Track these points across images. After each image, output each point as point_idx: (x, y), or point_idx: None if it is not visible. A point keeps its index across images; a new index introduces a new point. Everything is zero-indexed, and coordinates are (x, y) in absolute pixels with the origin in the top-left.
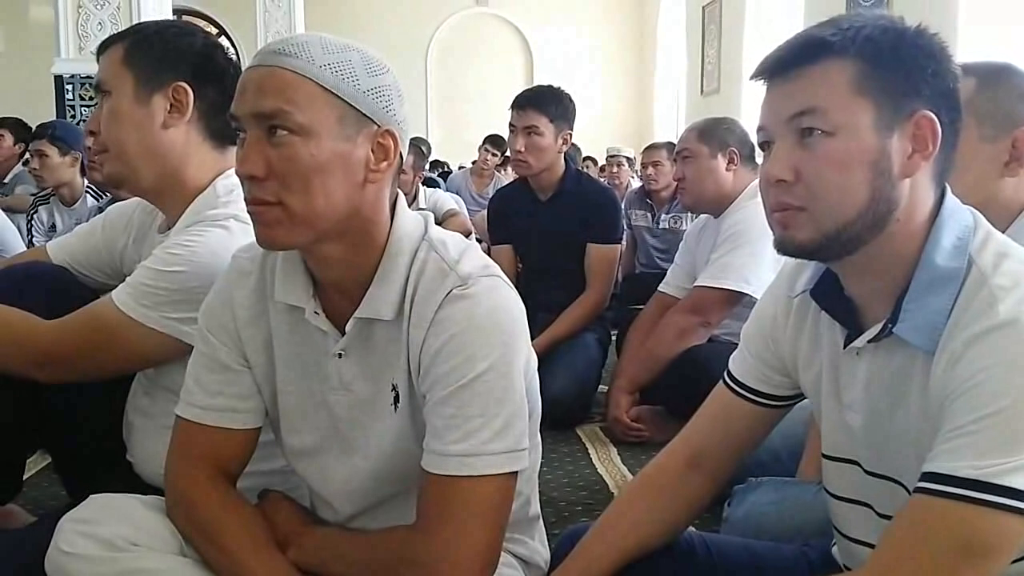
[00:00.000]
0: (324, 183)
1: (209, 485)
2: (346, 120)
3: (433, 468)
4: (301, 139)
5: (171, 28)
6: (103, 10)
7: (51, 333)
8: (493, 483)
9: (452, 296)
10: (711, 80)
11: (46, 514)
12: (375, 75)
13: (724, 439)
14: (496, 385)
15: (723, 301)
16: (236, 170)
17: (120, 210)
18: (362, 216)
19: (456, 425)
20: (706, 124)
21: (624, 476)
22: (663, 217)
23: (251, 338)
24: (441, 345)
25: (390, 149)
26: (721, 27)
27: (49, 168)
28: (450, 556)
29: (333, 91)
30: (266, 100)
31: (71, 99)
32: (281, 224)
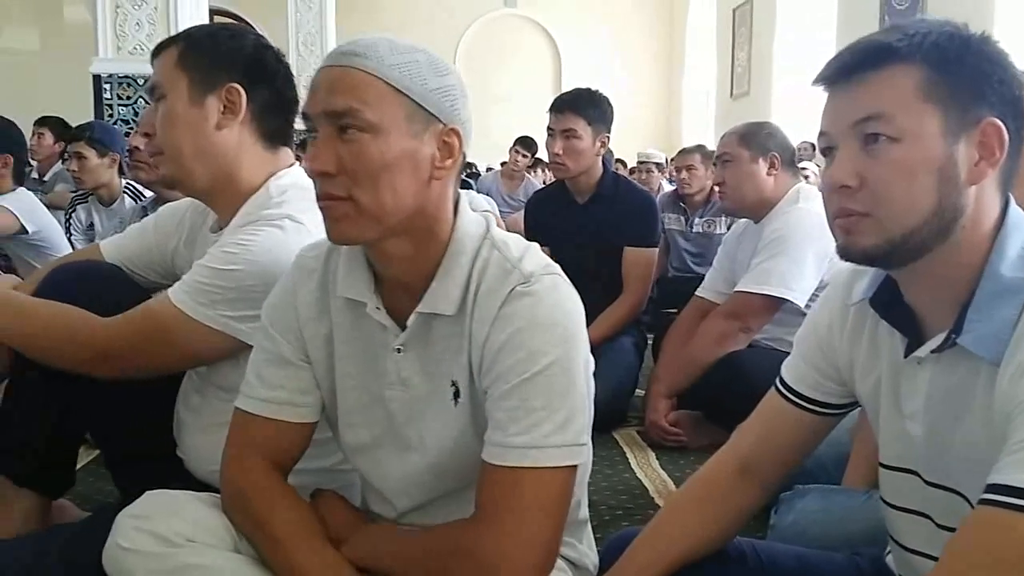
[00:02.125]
0: (392, 179)
1: (263, 478)
2: (414, 118)
3: (494, 459)
4: (371, 136)
5: (223, 31)
6: (140, 10)
7: (108, 330)
8: (554, 476)
9: (515, 293)
10: (741, 83)
11: (100, 509)
12: (441, 75)
13: (775, 447)
14: (558, 380)
15: (764, 307)
16: (307, 166)
17: (171, 210)
18: (427, 213)
19: (518, 418)
20: (747, 128)
21: (664, 481)
22: (696, 221)
23: (313, 335)
24: (504, 340)
25: (455, 147)
26: (752, 29)
27: (87, 169)
28: (510, 547)
29: (402, 90)
30: (338, 99)
31: (109, 98)
32: (350, 219)
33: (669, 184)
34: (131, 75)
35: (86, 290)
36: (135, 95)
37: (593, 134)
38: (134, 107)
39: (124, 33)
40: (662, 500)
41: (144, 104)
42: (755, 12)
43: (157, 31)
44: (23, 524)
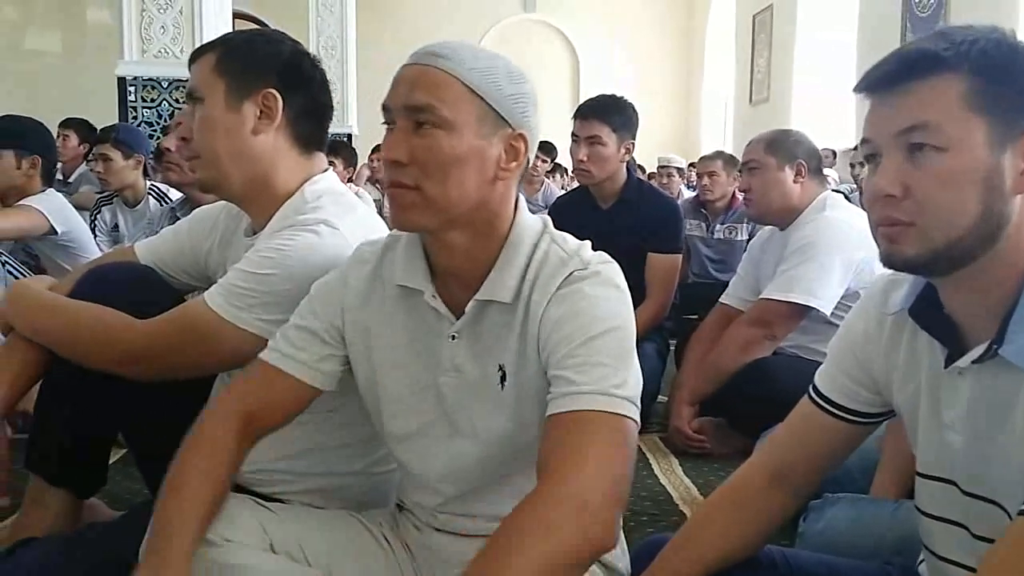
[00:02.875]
0: (459, 174)
1: (224, 432)
2: (485, 120)
3: (563, 407)
4: (444, 132)
5: (260, 37)
6: (166, 13)
7: (144, 332)
8: (623, 423)
9: (574, 275)
10: (761, 89)
11: (133, 508)
12: (516, 83)
13: (808, 455)
14: (621, 344)
15: (789, 314)
16: (381, 155)
17: (205, 213)
18: (489, 208)
19: (586, 371)
20: (774, 136)
21: (687, 488)
22: (717, 227)
23: (355, 321)
24: (565, 311)
25: (520, 151)
26: (772, 35)
27: (113, 171)
28: (594, 481)
29: (478, 92)
30: (418, 94)
31: (133, 101)
32: (416, 207)
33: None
34: (155, 78)
35: (121, 291)
36: (159, 98)
37: (618, 141)
38: (158, 110)
39: (149, 36)
40: (686, 507)
41: (169, 107)
42: (775, 18)
43: (182, 34)
44: (56, 523)
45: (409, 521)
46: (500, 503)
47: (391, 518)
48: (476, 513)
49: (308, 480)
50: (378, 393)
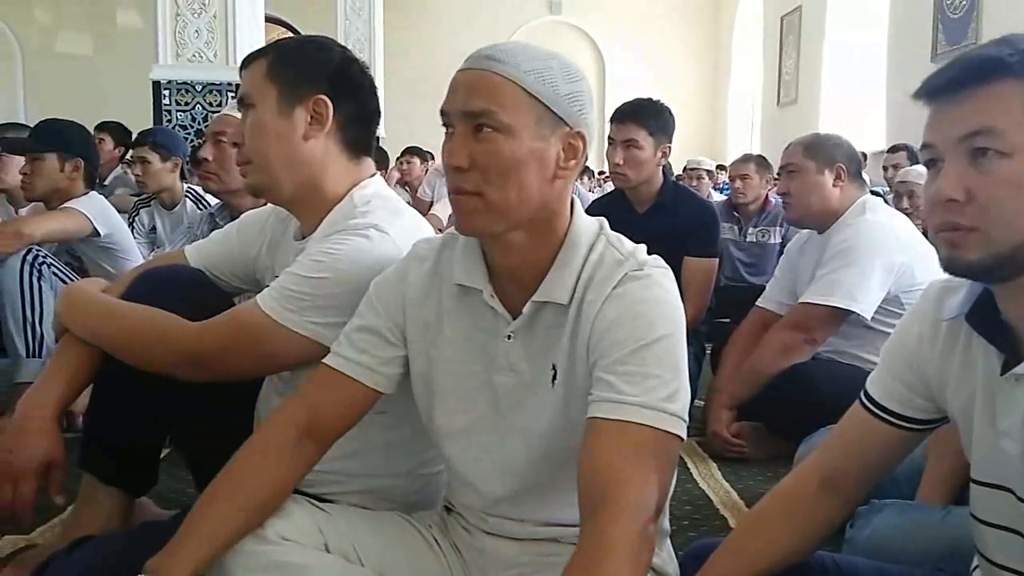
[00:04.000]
0: (520, 177)
1: (284, 438)
2: (543, 121)
3: (607, 413)
4: (503, 136)
5: (311, 43)
6: (200, 18)
7: (197, 334)
8: (667, 440)
9: (629, 276)
10: (789, 91)
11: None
12: (572, 82)
13: (860, 461)
14: (672, 353)
15: (829, 318)
16: (443, 161)
17: (253, 218)
18: (548, 208)
19: (634, 381)
20: (813, 139)
21: (727, 492)
22: (750, 230)
23: (415, 316)
24: (619, 313)
25: (579, 149)
26: (800, 37)
27: (151, 174)
28: (646, 508)
29: (535, 94)
30: (476, 100)
31: (167, 104)
32: (479, 212)
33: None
34: (189, 81)
35: (174, 294)
36: (193, 101)
37: (654, 144)
38: (192, 113)
39: (183, 40)
40: (727, 511)
41: (202, 110)
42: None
43: (215, 38)
44: (108, 521)
45: (458, 523)
46: (549, 508)
47: (440, 520)
48: (525, 517)
49: (357, 481)
50: (433, 388)
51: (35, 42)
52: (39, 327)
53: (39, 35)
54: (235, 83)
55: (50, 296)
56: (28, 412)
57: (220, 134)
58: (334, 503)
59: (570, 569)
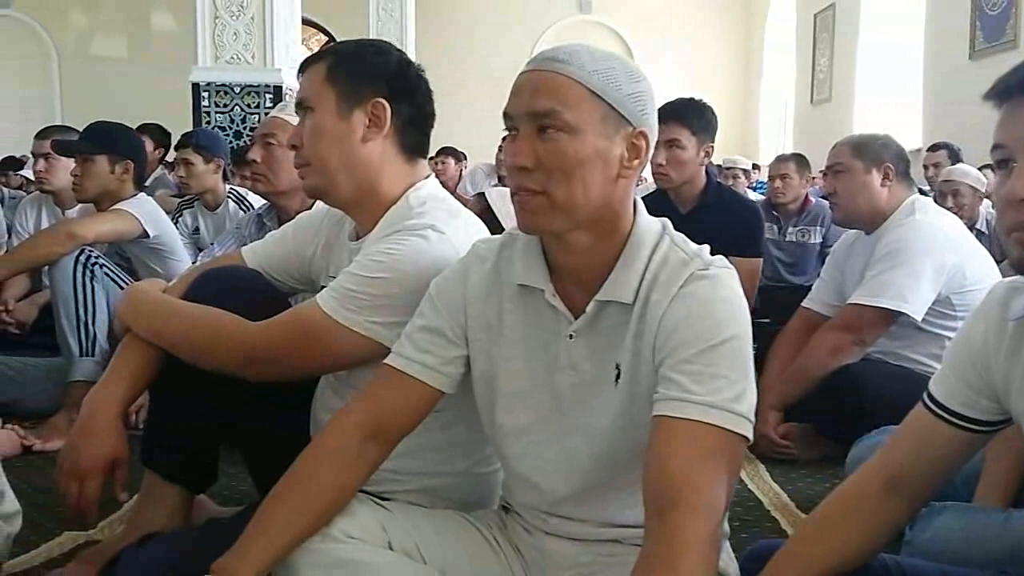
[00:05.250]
0: (584, 176)
1: (346, 439)
2: (607, 120)
3: (674, 411)
4: (568, 136)
5: (369, 47)
6: (238, 20)
7: (258, 334)
8: (735, 441)
9: (696, 275)
10: (822, 89)
11: (251, 504)
12: (635, 81)
13: (924, 463)
14: (740, 354)
15: (879, 319)
16: (506, 161)
17: (308, 219)
18: (611, 208)
19: (702, 380)
20: (860, 139)
21: (777, 494)
22: (790, 230)
23: (477, 315)
24: (687, 312)
25: (642, 149)
26: (834, 34)
27: (194, 175)
28: (716, 510)
29: (599, 94)
30: (540, 101)
31: (207, 106)
32: (544, 211)
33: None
34: (228, 83)
35: (233, 294)
36: (231, 103)
37: (697, 144)
38: (230, 114)
39: (222, 42)
40: (778, 512)
41: (240, 111)
42: (837, 17)
43: (253, 40)
44: (170, 518)
45: (517, 523)
46: (611, 508)
47: (498, 519)
48: (587, 518)
49: (413, 480)
50: (494, 387)
51: (71, 44)
52: (91, 326)
53: (75, 38)
54: (273, 84)
55: (102, 296)
56: (94, 411)
57: (269, 136)
58: (392, 502)
59: (641, 569)
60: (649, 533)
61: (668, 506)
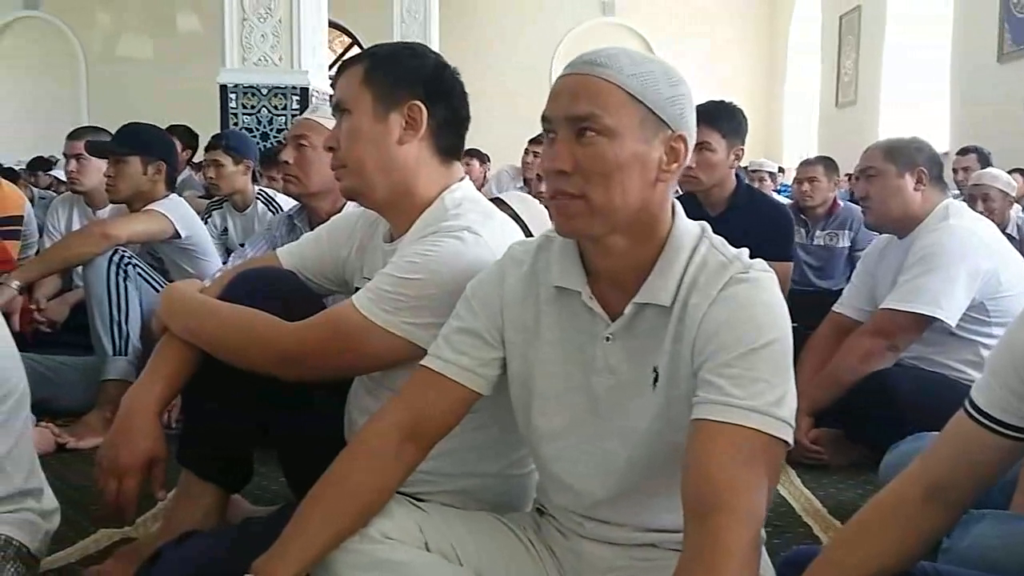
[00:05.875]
0: (623, 180)
1: (384, 441)
2: (646, 124)
3: (715, 415)
4: (607, 140)
5: (405, 49)
6: (265, 22)
7: (295, 334)
8: (775, 445)
9: (735, 278)
10: (847, 91)
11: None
12: (674, 85)
13: (965, 471)
14: (781, 358)
15: (913, 325)
16: (543, 164)
17: (343, 220)
18: (650, 211)
19: (743, 384)
20: (893, 142)
21: (808, 499)
22: (817, 233)
23: (513, 318)
24: (727, 316)
25: (680, 152)
26: (860, 36)
27: (224, 176)
28: (748, 504)
29: (639, 98)
30: (580, 104)
31: (234, 108)
32: (582, 215)
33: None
34: (255, 85)
35: (270, 295)
36: (259, 104)
37: (727, 147)
38: (257, 116)
39: (249, 44)
40: (810, 518)
41: (268, 113)
42: (863, 19)
43: (280, 43)
44: (206, 517)
45: (552, 526)
46: (648, 513)
47: (533, 522)
48: (623, 521)
49: (447, 481)
50: (530, 389)
51: (97, 46)
52: (125, 326)
53: (101, 39)
54: (299, 86)
55: (135, 296)
56: (132, 410)
57: (301, 137)
58: (428, 503)
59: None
60: (689, 537)
61: (709, 510)
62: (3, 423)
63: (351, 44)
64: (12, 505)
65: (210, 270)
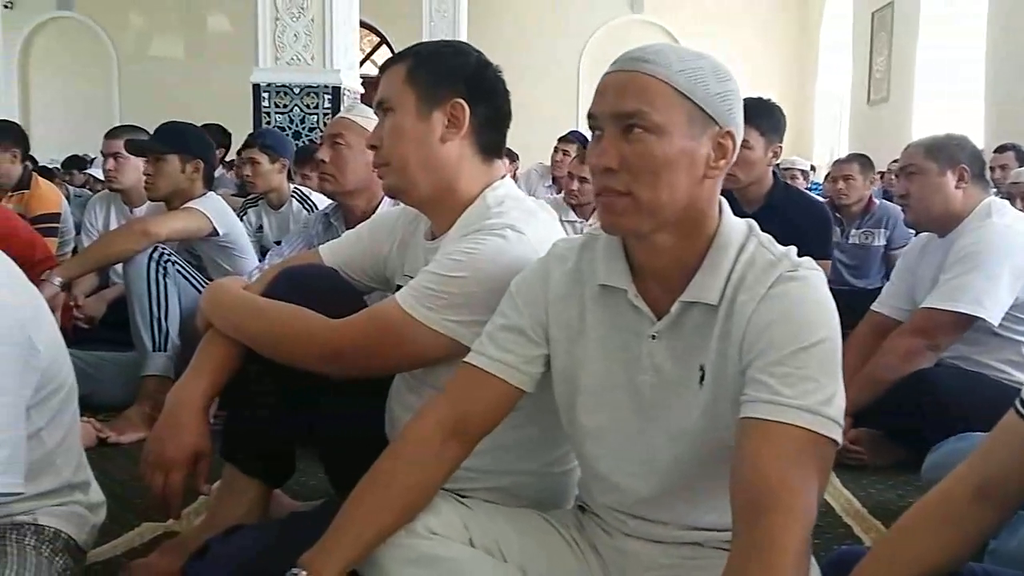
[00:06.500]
0: (670, 177)
1: (430, 433)
2: (694, 121)
3: (766, 414)
4: (655, 137)
5: (448, 48)
6: (298, 21)
7: (339, 331)
8: (826, 445)
9: (784, 276)
10: (879, 88)
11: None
12: (722, 81)
13: (1016, 471)
14: (831, 357)
15: (955, 324)
16: (589, 161)
17: (383, 219)
18: (697, 208)
19: (792, 383)
20: (934, 140)
21: (848, 500)
22: (853, 232)
23: (558, 314)
24: (777, 314)
25: (728, 149)
26: (892, 33)
27: (260, 174)
28: (803, 504)
29: (687, 94)
30: (627, 101)
31: (267, 106)
32: (628, 212)
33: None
34: (287, 84)
35: (313, 292)
36: (291, 103)
37: (765, 144)
38: (289, 115)
39: (282, 44)
40: (850, 519)
41: (300, 112)
42: (896, 15)
43: (313, 42)
44: (249, 511)
45: (595, 524)
46: (693, 511)
47: (575, 519)
48: (668, 520)
49: (488, 478)
50: (575, 387)
51: (129, 46)
52: (164, 322)
53: (133, 39)
54: (331, 85)
55: (174, 293)
56: (178, 405)
57: (337, 136)
58: (471, 499)
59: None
60: (741, 537)
61: (763, 509)
62: (54, 417)
63: (380, 43)
64: (61, 498)
65: (247, 267)
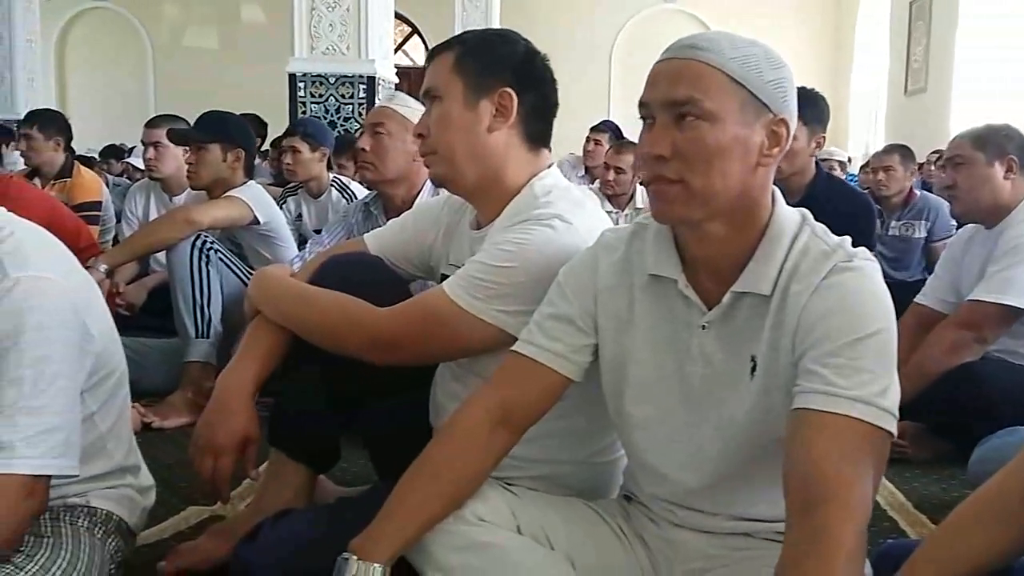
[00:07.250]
0: (723, 165)
1: (476, 424)
2: (748, 108)
3: (820, 405)
4: (708, 124)
5: (496, 36)
6: (334, 11)
7: (386, 320)
8: (881, 437)
9: (838, 267)
10: (917, 79)
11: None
12: (776, 68)
13: None
14: (886, 348)
15: (1001, 317)
16: (640, 150)
17: (427, 207)
18: (750, 197)
19: (846, 374)
20: (982, 130)
21: (892, 493)
22: (893, 224)
23: (607, 303)
24: (832, 304)
25: (782, 136)
26: (931, 23)
27: (300, 163)
28: (859, 497)
29: (740, 81)
30: (679, 89)
31: (303, 96)
32: (680, 201)
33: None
34: (323, 74)
35: (359, 280)
36: (327, 93)
37: (808, 134)
38: (325, 104)
39: (317, 34)
40: (895, 512)
41: (335, 101)
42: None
43: (348, 32)
44: (295, 496)
45: (642, 514)
46: (742, 502)
47: (622, 509)
48: (717, 511)
49: (535, 467)
50: (623, 376)
51: (164, 37)
52: (207, 309)
53: (168, 31)
54: (366, 75)
55: (216, 280)
56: (228, 390)
57: (377, 125)
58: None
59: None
60: (795, 529)
61: (818, 501)
62: (106, 401)
63: (411, 33)
64: (113, 481)
65: (287, 256)
